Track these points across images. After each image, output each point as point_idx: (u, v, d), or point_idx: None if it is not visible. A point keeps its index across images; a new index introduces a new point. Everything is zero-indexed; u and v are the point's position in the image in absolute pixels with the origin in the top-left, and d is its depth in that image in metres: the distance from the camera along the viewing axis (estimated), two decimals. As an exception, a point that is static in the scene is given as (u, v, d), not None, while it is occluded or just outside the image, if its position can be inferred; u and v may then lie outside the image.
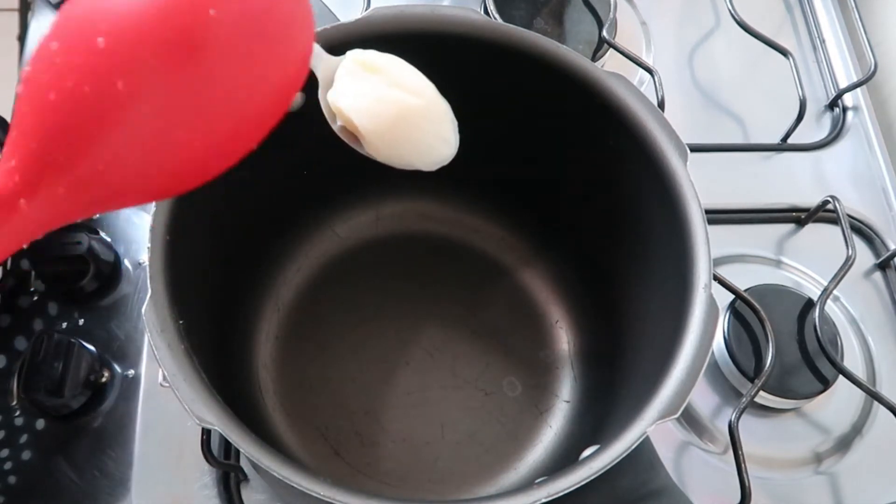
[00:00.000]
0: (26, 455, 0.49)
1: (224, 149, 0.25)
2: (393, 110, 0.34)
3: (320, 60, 0.35)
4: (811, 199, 0.62)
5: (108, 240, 0.56)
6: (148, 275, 0.35)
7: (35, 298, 0.53)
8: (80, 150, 0.22)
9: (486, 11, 0.65)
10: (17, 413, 0.50)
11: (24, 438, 0.50)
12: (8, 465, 0.49)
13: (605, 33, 0.62)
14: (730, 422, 0.48)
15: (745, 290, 0.53)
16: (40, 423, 0.50)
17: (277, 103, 0.26)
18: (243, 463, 0.49)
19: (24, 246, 0.23)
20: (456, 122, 0.36)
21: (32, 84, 0.22)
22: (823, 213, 0.61)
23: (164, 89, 0.22)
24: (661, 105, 0.55)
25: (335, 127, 0.35)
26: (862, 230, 0.63)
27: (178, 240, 0.36)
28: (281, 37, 0.25)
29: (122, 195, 0.24)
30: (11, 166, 0.22)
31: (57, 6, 0.64)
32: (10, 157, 0.22)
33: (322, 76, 0.35)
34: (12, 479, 0.48)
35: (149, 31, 0.22)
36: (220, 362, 0.42)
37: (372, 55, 0.35)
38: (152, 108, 0.22)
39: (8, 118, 0.59)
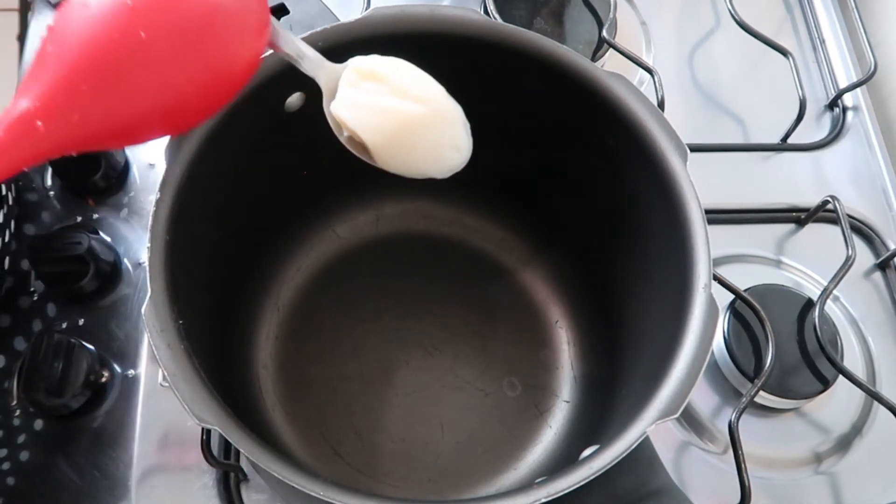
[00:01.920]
0: (24, 455, 0.49)
1: (200, 101, 0.31)
2: (396, 121, 0.33)
3: (321, 69, 0.35)
4: (811, 199, 0.62)
5: (108, 240, 0.56)
6: (148, 275, 0.35)
7: (35, 298, 0.53)
8: (98, 84, 0.28)
9: (486, 11, 0.65)
10: (17, 413, 0.50)
11: (22, 439, 0.50)
12: (6, 466, 0.49)
13: (605, 33, 0.62)
14: (730, 422, 0.48)
15: (745, 290, 0.53)
16: (38, 424, 0.50)
17: (239, 73, 0.32)
18: (243, 463, 0.49)
19: (37, 164, 0.28)
20: (468, 126, 0.35)
21: (61, 30, 0.28)
22: (823, 213, 0.61)
23: (167, 44, 0.29)
24: (661, 105, 0.55)
25: (342, 138, 0.35)
26: (862, 230, 0.63)
27: (178, 240, 0.36)
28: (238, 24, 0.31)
29: (122, 131, 0.30)
30: (34, 93, 0.27)
31: (56, 6, 0.64)
32: (31, 85, 0.27)
33: (325, 86, 0.35)
34: (11, 480, 0.48)
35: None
36: (220, 362, 0.42)
37: (373, 62, 0.34)
38: (156, 56, 0.28)
39: (8, 118, 0.59)
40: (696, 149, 0.49)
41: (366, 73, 0.33)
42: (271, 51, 0.35)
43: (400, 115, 0.33)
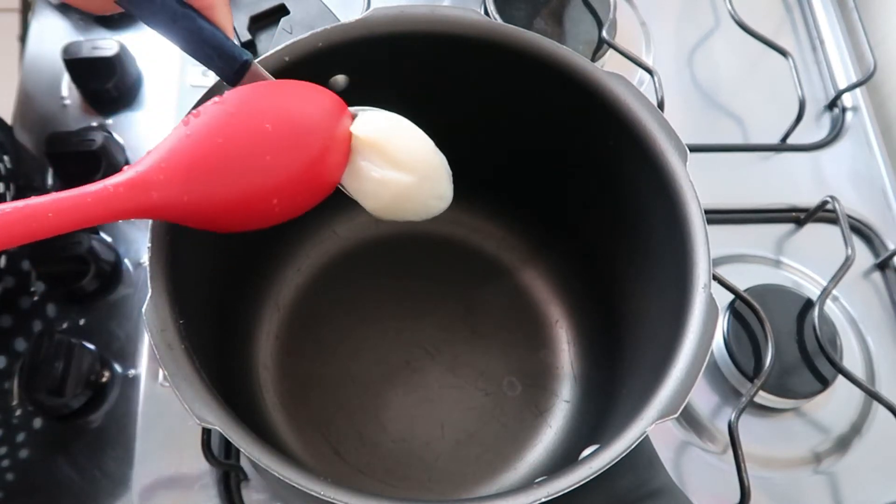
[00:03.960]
0: (24, 453, 0.49)
1: (275, 207, 0.35)
2: (392, 191, 0.38)
3: None
4: (811, 199, 0.62)
5: (109, 240, 0.56)
6: (148, 275, 0.35)
7: (35, 299, 0.54)
8: (212, 177, 0.32)
9: (486, 11, 0.65)
10: (17, 413, 0.50)
11: (21, 437, 0.50)
12: (6, 463, 0.49)
13: (604, 33, 0.62)
14: (729, 421, 0.48)
15: (745, 290, 0.53)
16: (38, 422, 0.50)
17: (312, 174, 0.36)
18: (243, 463, 0.49)
19: (127, 219, 0.31)
20: (451, 174, 0.40)
21: (203, 127, 0.33)
22: (823, 213, 0.61)
23: (280, 148, 0.34)
24: (661, 105, 0.55)
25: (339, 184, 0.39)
26: (861, 230, 0.63)
27: (178, 240, 0.36)
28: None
29: (211, 219, 0.34)
30: (160, 167, 0.31)
31: (57, 6, 0.64)
32: (161, 158, 0.32)
33: None
34: (10, 476, 0.48)
35: (289, 132, 0.34)
36: (220, 362, 0.42)
37: (372, 130, 0.38)
38: (262, 168, 0.34)
39: (7, 118, 0.59)
40: (695, 149, 0.49)
41: (366, 143, 0.37)
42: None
43: (395, 186, 0.38)
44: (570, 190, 0.51)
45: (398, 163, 0.38)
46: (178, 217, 0.33)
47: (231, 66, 0.36)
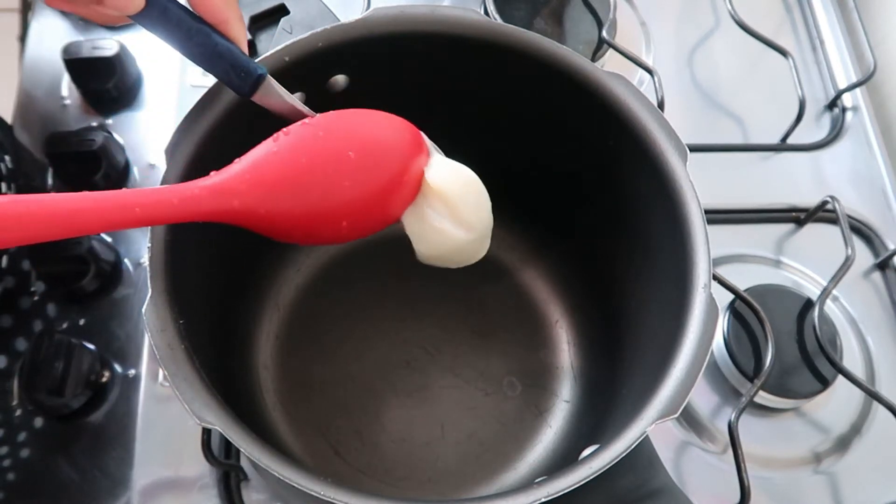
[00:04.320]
0: (25, 453, 0.49)
1: (345, 213, 0.36)
2: (448, 243, 0.40)
3: None
4: (811, 199, 0.62)
5: (109, 240, 0.56)
6: (148, 275, 0.35)
7: (35, 299, 0.54)
8: (291, 194, 0.34)
9: (486, 11, 0.65)
10: (17, 413, 0.50)
11: (23, 436, 0.50)
12: (7, 462, 0.49)
13: (604, 33, 0.62)
14: (729, 421, 0.48)
15: (745, 290, 0.53)
16: (39, 422, 0.50)
17: (386, 201, 0.38)
18: (243, 463, 0.49)
19: (204, 221, 0.33)
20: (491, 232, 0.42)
21: (291, 145, 0.34)
22: (823, 213, 0.61)
23: (351, 188, 0.36)
24: (661, 105, 0.55)
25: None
26: (861, 230, 0.63)
27: (178, 240, 0.36)
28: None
29: (281, 231, 0.35)
30: (245, 177, 0.33)
31: (57, 6, 0.64)
32: (248, 169, 0.33)
33: None
34: (11, 476, 0.48)
35: (370, 162, 0.36)
36: (220, 362, 0.42)
37: (447, 183, 0.39)
38: (339, 191, 0.35)
39: (7, 118, 0.59)
40: (695, 149, 0.49)
41: (436, 192, 0.39)
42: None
43: (453, 241, 0.40)
44: (570, 190, 0.51)
45: (462, 220, 0.39)
46: (251, 224, 0.34)
47: (246, 81, 0.37)
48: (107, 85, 0.59)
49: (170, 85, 0.61)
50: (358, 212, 0.36)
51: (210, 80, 0.38)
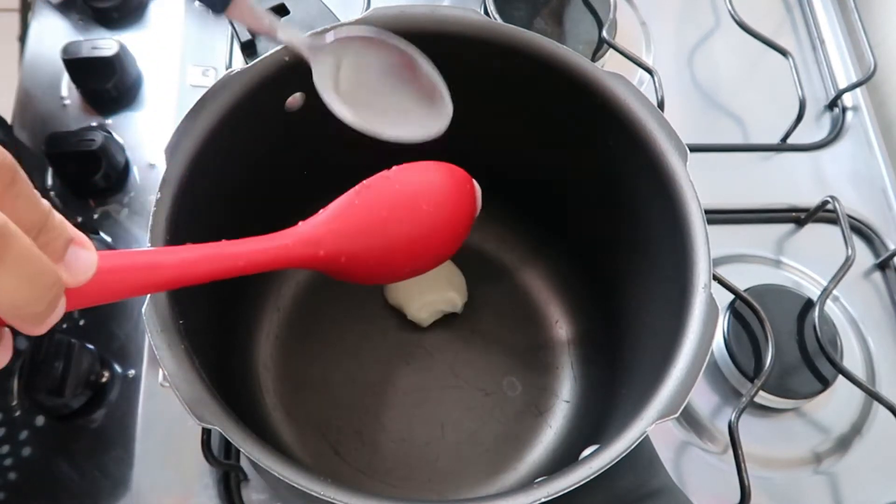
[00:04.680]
0: (26, 451, 0.49)
1: (407, 270, 0.40)
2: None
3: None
4: (811, 199, 0.62)
5: (109, 240, 0.56)
6: (148, 275, 0.35)
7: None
8: (369, 244, 0.37)
9: (486, 11, 0.65)
10: (17, 414, 0.50)
11: (24, 435, 0.50)
12: (8, 462, 0.49)
13: (604, 33, 0.62)
14: (729, 421, 0.48)
15: (745, 290, 0.53)
16: (40, 420, 0.50)
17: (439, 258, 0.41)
18: (243, 463, 0.49)
19: (293, 267, 0.36)
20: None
21: (372, 199, 0.37)
22: (823, 213, 0.61)
23: (420, 238, 0.39)
24: (661, 105, 0.55)
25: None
26: (861, 230, 0.63)
27: (178, 240, 0.36)
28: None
29: (355, 274, 0.37)
30: (330, 228, 0.36)
31: (57, 6, 0.64)
32: (335, 220, 0.36)
33: None
34: (12, 476, 0.48)
35: (440, 215, 0.39)
36: (220, 362, 0.42)
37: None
38: (410, 240, 0.38)
39: (7, 117, 0.59)
40: (696, 149, 0.49)
41: None
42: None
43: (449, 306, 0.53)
44: (570, 190, 0.51)
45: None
46: (327, 269, 0.37)
47: None
48: (106, 85, 0.59)
49: (170, 85, 0.61)
50: (422, 258, 0.39)
51: (210, 81, 0.38)
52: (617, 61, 0.62)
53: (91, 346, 0.51)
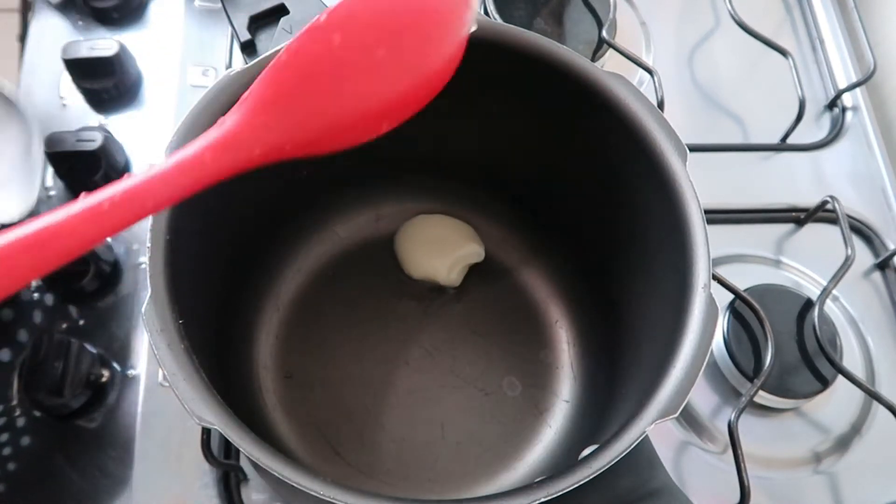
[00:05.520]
0: (25, 441, 0.49)
1: (383, 114, 0.31)
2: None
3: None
4: (810, 199, 0.62)
5: (109, 240, 0.56)
6: (148, 274, 0.35)
7: (35, 295, 0.54)
8: (312, 114, 0.30)
9: (486, 11, 0.65)
10: (17, 413, 0.50)
11: (22, 422, 0.50)
12: (7, 451, 0.49)
13: (604, 33, 0.62)
14: (729, 421, 0.48)
15: (745, 290, 0.53)
16: (40, 413, 0.50)
17: (428, 85, 0.32)
18: (243, 463, 0.49)
19: (241, 172, 0.29)
20: None
21: (301, 64, 0.30)
22: (823, 213, 0.61)
23: (364, 64, 0.30)
24: (661, 105, 0.55)
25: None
26: (861, 230, 0.63)
27: (178, 239, 0.36)
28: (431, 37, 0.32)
29: (310, 143, 0.31)
30: (257, 118, 0.29)
31: (57, 6, 0.64)
32: (255, 110, 0.29)
33: None
34: (12, 466, 0.48)
35: (407, 52, 0.31)
36: (220, 362, 0.42)
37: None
38: (349, 74, 0.30)
39: (8, 118, 0.59)
40: (695, 149, 0.49)
41: None
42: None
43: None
44: (570, 190, 0.51)
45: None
46: (278, 161, 0.30)
47: None
48: (106, 85, 0.59)
49: (170, 85, 0.61)
50: (398, 106, 0.31)
51: (210, 81, 0.38)
52: (617, 61, 0.62)
53: (91, 346, 0.51)
